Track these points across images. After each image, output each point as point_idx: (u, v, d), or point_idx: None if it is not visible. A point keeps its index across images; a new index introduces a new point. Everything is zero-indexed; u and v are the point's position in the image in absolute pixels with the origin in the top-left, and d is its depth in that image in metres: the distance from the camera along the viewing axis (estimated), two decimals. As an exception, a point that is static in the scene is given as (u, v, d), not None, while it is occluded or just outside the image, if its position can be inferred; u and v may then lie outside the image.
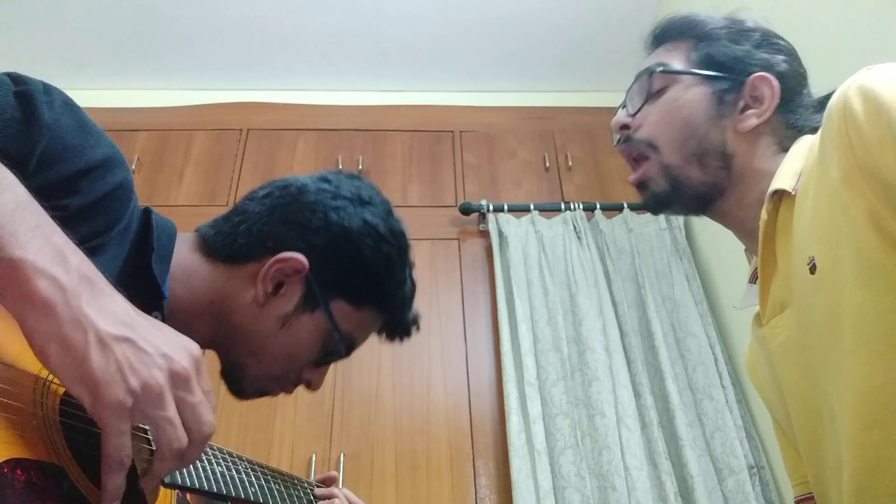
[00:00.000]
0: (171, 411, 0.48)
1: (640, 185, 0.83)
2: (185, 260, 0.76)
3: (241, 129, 2.73)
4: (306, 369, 0.81)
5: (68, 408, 0.53)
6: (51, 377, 0.52)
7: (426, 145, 2.75)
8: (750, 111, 0.77)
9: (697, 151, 0.77)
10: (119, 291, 0.51)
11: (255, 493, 0.78)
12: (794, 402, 0.71)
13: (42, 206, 0.49)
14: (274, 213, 0.78)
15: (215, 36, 2.74)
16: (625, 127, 0.84)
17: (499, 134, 2.80)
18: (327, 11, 2.67)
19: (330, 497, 0.97)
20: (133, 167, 2.54)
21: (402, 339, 0.89)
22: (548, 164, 2.71)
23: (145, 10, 2.63)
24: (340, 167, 2.60)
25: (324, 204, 0.79)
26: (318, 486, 0.98)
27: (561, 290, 2.27)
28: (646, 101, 0.82)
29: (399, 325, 0.87)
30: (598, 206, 2.49)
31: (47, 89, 0.61)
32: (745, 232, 0.80)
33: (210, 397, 0.52)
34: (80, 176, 0.61)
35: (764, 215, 0.69)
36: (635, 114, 0.83)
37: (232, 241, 0.77)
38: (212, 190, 2.56)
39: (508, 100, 2.94)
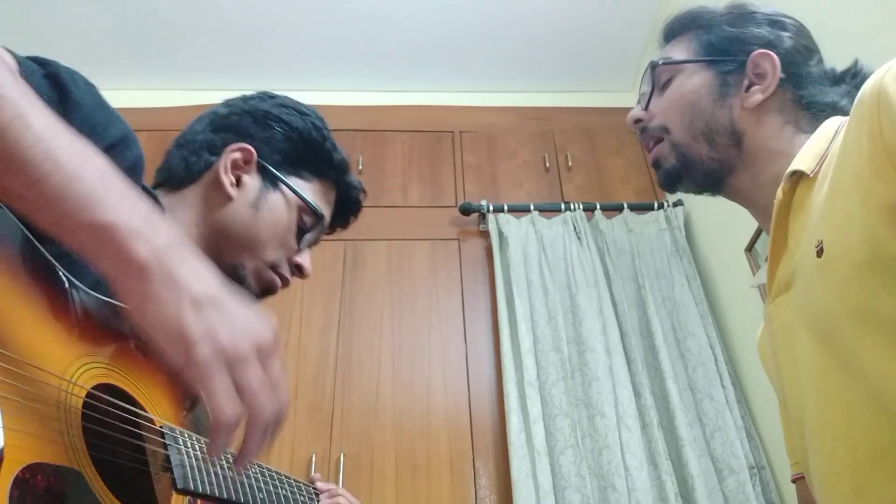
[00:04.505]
0: (261, 374, 0.50)
1: (655, 165, 0.88)
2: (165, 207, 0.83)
3: (240, 129, 2.73)
4: (294, 255, 0.89)
5: (91, 411, 0.54)
6: (75, 379, 0.52)
7: (426, 145, 2.75)
8: (755, 87, 0.80)
9: (705, 130, 0.81)
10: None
11: (262, 500, 0.78)
12: (789, 383, 0.72)
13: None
14: (206, 128, 0.89)
15: (215, 36, 2.74)
16: (638, 121, 0.89)
17: (499, 134, 2.80)
18: (327, 12, 2.67)
19: (334, 495, 0.97)
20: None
21: (354, 213, 0.99)
22: (548, 165, 2.71)
23: (145, 11, 2.62)
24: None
25: (239, 106, 0.91)
26: (317, 484, 0.98)
27: (561, 291, 2.27)
28: (655, 94, 0.88)
29: (348, 190, 0.96)
30: (598, 207, 2.49)
31: (68, 70, 0.64)
32: (759, 210, 0.81)
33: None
34: (105, 152, 0.63)
35: (779, 194, 0.70)
36: (647, 107, 0.88)
37: (185, 165, 0.87)
38: (212, 190, 2.56)
39: (508, 100, 2.94)
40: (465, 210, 2.48)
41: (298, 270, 0.91)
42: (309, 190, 0.89)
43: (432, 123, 2.81)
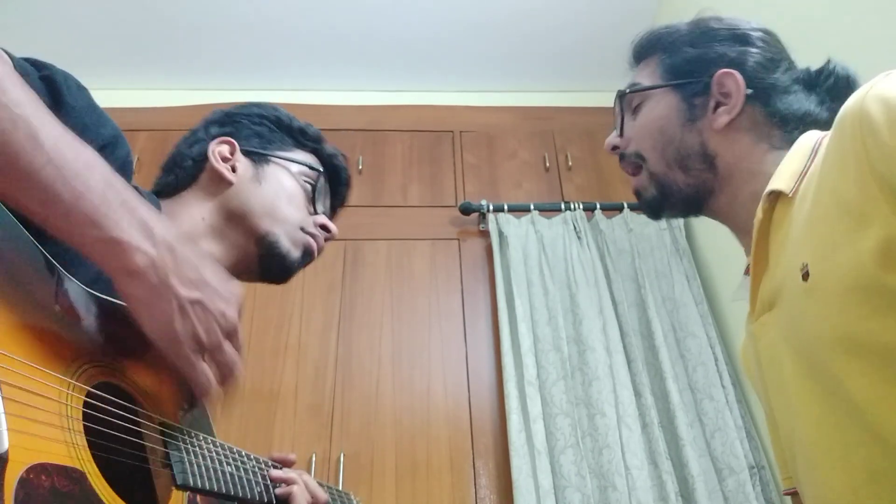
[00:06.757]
0: (229, 351, 0.65)
1: (636, 194, 0.88)
2: (165, 213, 0.86)
3: (240, 129, 2.73)
4: (315, 217, 0.94)
5: (91, 410, 0.54)
6: (75, 378, 0.53)
7: (426, 145, 2.75)
8: (721, 108, 0.79)
9: (677, 157, 0.81)
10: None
11: (259, 494, 0.78)
12: (778, 402, 0.72)
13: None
14: (187, 144, 0.95)
15: (216, 36, 2.74)
16: (615, 147, 0.90)
17: (499, 134, 2.80)
18: (328, 11, 2.67)
19: (288, 482, 0.88)
20: (133, 167, 2.53)
21: (345, 182, 1.02)
22: (548, 165, 2.71)
23: (146, 11, 2.63)
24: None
25: (208, 118, 0.98)
26: (275, 467, 0.90)
27: (561, 290, 2.27)
28: (628, 119, 0.88)
29: (331, 158, 1.00)
30: (598, 206, 2.49)
31: (63, 73, 0.67)
32: (740, 229, 0.81)
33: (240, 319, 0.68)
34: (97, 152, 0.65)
35: (759, 214, 0.70)
36: (621, 133, 0.89)
37: (182, 169, 0.92)
38: (212, 190, 2.56)
39: (508, 100, 2.94)
40: (465, 210, 2.48)
41: (324, 230, 0.94)
42: (294, 159, 0.95)
43: (432, 123, 2.81)
